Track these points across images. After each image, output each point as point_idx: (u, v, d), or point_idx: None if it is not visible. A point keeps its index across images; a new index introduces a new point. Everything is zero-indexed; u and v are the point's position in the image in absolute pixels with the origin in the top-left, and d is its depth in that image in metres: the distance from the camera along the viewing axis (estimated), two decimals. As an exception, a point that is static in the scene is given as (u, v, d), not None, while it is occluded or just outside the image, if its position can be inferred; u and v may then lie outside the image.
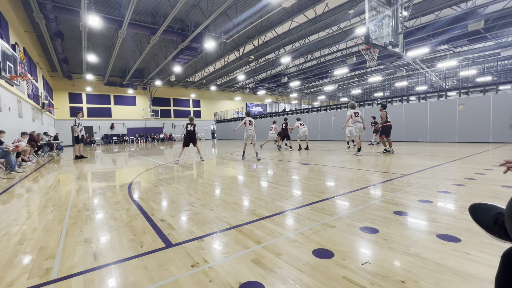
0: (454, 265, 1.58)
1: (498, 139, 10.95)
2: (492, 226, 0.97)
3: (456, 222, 2.28)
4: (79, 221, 2.69)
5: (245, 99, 37.46)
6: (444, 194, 3.19)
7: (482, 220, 1.02)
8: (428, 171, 4.83)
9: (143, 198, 3.59)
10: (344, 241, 1.98)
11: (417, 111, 13.59)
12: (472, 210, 1.10)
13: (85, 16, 10.76)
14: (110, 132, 27.08)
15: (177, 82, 28.50)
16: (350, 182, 4.15)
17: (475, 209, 1.08)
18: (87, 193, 4.03)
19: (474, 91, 12.31)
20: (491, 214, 0.99)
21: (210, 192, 3.85)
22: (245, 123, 7.82)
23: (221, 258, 1.78)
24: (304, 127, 10.88)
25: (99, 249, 1.99)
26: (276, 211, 2.76)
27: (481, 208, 1.05)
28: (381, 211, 2.64)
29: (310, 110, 20.60)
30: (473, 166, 5.20)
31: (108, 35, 16.11)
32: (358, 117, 8.22)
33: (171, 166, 7.14)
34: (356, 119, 8.21)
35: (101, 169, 6.98)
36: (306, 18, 13.73)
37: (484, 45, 18.90)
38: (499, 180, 3.82)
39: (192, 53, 16.48)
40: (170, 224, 2.49)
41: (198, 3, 12.26)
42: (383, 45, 6.49)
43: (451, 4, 11.99)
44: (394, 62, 22.67)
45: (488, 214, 1.00)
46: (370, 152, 8.70)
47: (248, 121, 7.83)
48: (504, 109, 10.60)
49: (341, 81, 31.27)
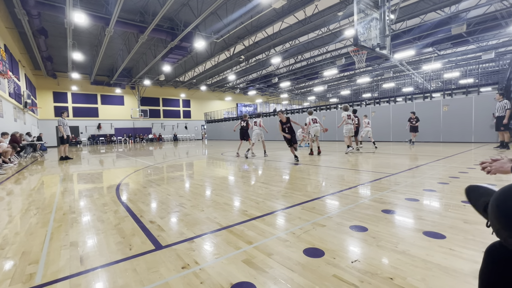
0: (440, 261, 1.63)
1: (480, 139, 11.37)
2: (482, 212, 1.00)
3: (441, 219, 2.35)
4: (64, 224, 2.60)
5: (235, 99, 37.36)
6: (429, 193, 3.28)
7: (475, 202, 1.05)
8: (415, 170, 4.96)
9: (132, 199, 3.52)
10: (334, 239, 2.00)
11: (404, 112, 13.93)
12: (468, 191, 1.12)
13: (70, 13, 10.44)
14: (97, 132, 26.39)
15: (167, 81, 28.11)
16: (339, 181, 4.21)
17: (470, 191, 1.10)
18: (72, 195, 3.91)
19: (457, 93, 12.75)
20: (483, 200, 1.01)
21: (200, 192, 3.81)
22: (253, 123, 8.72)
23: (212, 259, 1.76)
24: (317, 125, 8.59)
25: (86, 253, 1.94)
26: (267, 211, 2.77)
27: (476, 190, 1.07)
28: (369, 209, 2.69)
29: (301, 111, 20.77)
30: (457, 165, 5.38)
31: (95, 33, 15.71)
32: (350, 119, 8.47)
33: (160, 167, 7.03)
34: (348, 121, 8.45)
35: (87, 170, 6.79)
36: (296, 19, 13.84)
37: (466, 48, 19.61)
38: (481, 179, 3.97)
39: (182, 53, 16.29)
40: (159, 226, 2.45)
41: (188, 2, 12.14)
42: (371, 47, 6.63)
43: (436, 8, 12.38)
44: (381, 64, 23.17)
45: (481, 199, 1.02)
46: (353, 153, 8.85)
47: (254, 122, 8.70)
48: (485, 110, 11.03)
49: (330, 82, 31.69)
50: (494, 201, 0.66)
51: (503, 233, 0.64)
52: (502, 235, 0.65)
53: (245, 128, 8.77)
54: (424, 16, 13.76)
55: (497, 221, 0.65)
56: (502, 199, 0.64)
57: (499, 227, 0.65)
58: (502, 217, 0.63)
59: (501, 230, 0.65)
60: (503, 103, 8.25)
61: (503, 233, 0.65)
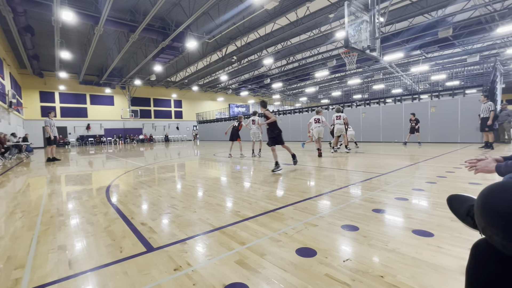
0: (428, 259, 1.67)
1: (466, 140, 11.72)
2: (465, 217, 1.04)
3: (429, 218, 2.41)
4: (52, 227, 2.54)
5: (228, 100, 37.26)
6: (418, 192, 3.36)
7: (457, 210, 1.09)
8: (404, 170, 5.07)
9: (122, 201, 3.46)
10: (326, 239, 2.03)
11: (393, 113, 14.22)
12: (449, 200, 1.16)
13: (57, 10, 10.19)
14: (86, 133, 25.81)
15: (158, 81, 27.78)
16: (331, 181, 4.26)
17: (452, 200, 1.15)
18: (60, 198, 3.81)
19: (444, 95, 13.10)
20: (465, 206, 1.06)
21: (192, 194, 3.78)
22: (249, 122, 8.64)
23: (204, 261, 1.75)
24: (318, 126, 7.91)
25: (75, 256, 1.89)
26: (260, 212, 2.77)
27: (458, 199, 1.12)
28: (360, 209, 2.73)
29: (292, 112, 20.91)
30: (444, 165, 5.52)
31: (84, 32, 15.37)
32: (340, 119, 8.65)
33: (151, 168, 6.94)
34: (337, 122, 8.66)
35: (76, 172, 6.64)
36: (288, 20, 13.93)
37: (452, 52, 20.18)
38: (467, 178, 4.09)
39: (173, 53, 16.14)
40: (151, 228, 2.42)
41: (179, 2, 12.04)
42: (361, 49, 6.74)
43: (423, 12, 12.71)
44: (371, 66, 23.58)
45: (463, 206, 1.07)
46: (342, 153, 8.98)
47: (252, 120, 8.53)
48: (471, 111, 11.36)
49: (322, 83, 32.02)
50: (479, 199, 0.69)
51: (488, 231, 0.67)
52: (488, 232, 0.68)
53: (235, 129, 8.78)
54: (412, 19, 14.10)
55: (483, 219, 0.67)
56: (487, 198, 0.66)
57: (484, 225, 0.67)
58: (487, 215, 0.65)
59: (486, 228, 0.67)
60: (488, 105, 8.53)
61: (488, 231, 0.67)
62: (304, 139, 18.85)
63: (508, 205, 0.61)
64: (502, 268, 0.70)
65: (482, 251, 0.77)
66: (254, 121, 8.62)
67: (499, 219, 0.62)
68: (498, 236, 0.64)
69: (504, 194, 0.63)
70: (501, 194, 0.63)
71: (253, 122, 8.62)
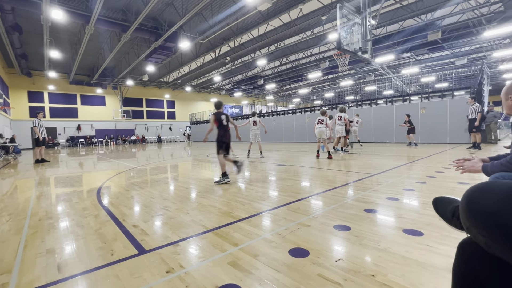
0: (418, 258, 1.70)
1: (454, 140, 11.99)
2: (451, 218, 1.07)
3: (419, 217, 2.46)
4: (40, 231, 2.48)
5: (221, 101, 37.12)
6: (409, 192, 3.42)
7: (443, 212, 1.12)
8: (395, 170, 5.15)
9: (114, 203, 3.41)
10: (318, 239, 2.04)
11: (385, 114, 14.44)
12: (434, 203, 1.19)
13: (47, 9, 9.98)
14: (76, 134, 25.30)
15: (150, 82, 27.48)
16: (324, 182, 4.29)
17: (437, 202, 1.18)
18: (49, 200, 3.72)
19: (433, 96, 13.38)
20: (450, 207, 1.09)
21: (185, 195, 3.76)
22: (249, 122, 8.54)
23: (197, 263, 1.74)
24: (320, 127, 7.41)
25: (64, 260, 1.86)
26: (253, 213, 2.77)
27: (442, 201, 1.15)
28: (352, 209, 2.76)
29: (286, 112, 20.99)
30: (433, 165, 5.64)
31: (74, 31, 15.08)
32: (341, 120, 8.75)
33: (144, 169, 6.86)
34: (338, 122, 8.77)
35: (66, 173, 6.50)
36: (281, 22, 14.00)
37: (441, 54, 20.65)
38: (455, 178, 4.19)
39: (166, 53, 16.00)
40: (143, 230, 2.39)
41: (172, 2, 11.95)
42: (353, 51, 6.83)
43: (413, 15, 12.97)
44: (363, 68, 23.89)
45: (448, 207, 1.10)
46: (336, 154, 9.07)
47: (253, 121, 8.45)
48: (459, 112, 11.64)
49: (314, 84, 32.27)
50: (464, 199, 0.71)
51: (473, 230, 0.69)
52: (472, 232, 0.70)
53: None
54: (403, 22, 14.37)
55: (467, 219, 0.69)
56: (472, 198, 0.68)
57: (469, 224, 0.69)
58: (472, 215, 0.67)
59: (471, 228, 0.69)
60: (475, 106, 8.76)
61: (473, 230, 0.69)
62: (298, 140, 18.96)
63: (492, 205, 0.63)
64: (486, 266, 0.73)
65: (467, 250, 0.79)
66: (255, 122, 8.59)
67: (483, 219, 0.64)
68: (482, 236, 0.65)
69: (488, 194, 0.65)
70: (485, 194, 0.65)
71: (254, 123, 8.60)
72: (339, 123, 8.77)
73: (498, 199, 0.62)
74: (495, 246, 0.63)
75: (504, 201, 0.61)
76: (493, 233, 0.62)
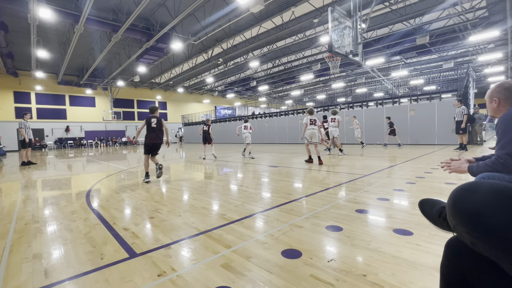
0: (408, 257, 1.73)
1: (442, 142, 12.29)
2: (437, 219, 1.10)
3: (409, 217, 2.51)
4: (26, 235, 2.41)
5: (214, 102, 37.00)
6: (399, 192, 3.49)
7: (429, 213, 1.15)
8: (385, 171, 5.24)
9: (104, 206, 3.34)
10: (311, 240, 2.06)
11: (375, 116, 14.68)
12: (421, 205, 1.22)
13: (34, 7, 9.73)
14: (65, 135, 24.71)
15: (142, 83, 27.14)
16: (316, 183, 4.33)
17: (423, 204, 1.21)
18: (36, 203, 3.62)
19: (422, 99, 13.70)
20: (436, 208, 1.12)
21: (177, 197, 3.72)
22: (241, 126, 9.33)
23: (189, 265, 1.73)
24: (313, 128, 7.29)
25: (51, 265, 1.81)
26: (246, 214, 2.77)
27: (428, 203, 1.18)
28: (344, 210, 2.79)
29: (278, 114, 21.08)
30: (422, 166, 5.77)
31: (63, 30, 14.77)
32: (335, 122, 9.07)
33: (135, 171, 6.75)
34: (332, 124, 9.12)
35: (53, 176, 6.33)
36: (273, 24, 14.09)
37: (429, 58, 21.19)
38: (443, 178, 4.30)
39: (158, 54, 15.84)
40: (134, 233, 2.35)
41: (164, 3, 11.87)
42: (344, 53, 6.93)
43: (402, 19, 13.29)
44: (354, 70, 24.27)
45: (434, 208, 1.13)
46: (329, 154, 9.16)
47: (244, 126, 9.23)
48: (447, 115, 11.95)
49: (307, 86, 32.55)
50: (450, 199, 0.73)
51: (459, 229, 0.71)
52: (458, 231, 0.72)
53: (206, 132, 9.17)
54: (392, 26, 14.69)
55: (454, 218, 0.71)
56: (458, 197, 0.70)
57: (455, 223, 0.71)
58: (457, 214, 0.69)
59: (457, 227, 0.71)
60: (461, 109, 9.02)
61: (459, 229, 0.71)
62: (291, 141, 19.05)
63: (476, 205, 0.65)
64: (473, 264, 0.75)
65: (454, 249, 0.81)
66: (246, 126, 9.21)
67: (468, 218, 0.66)
68: (468, 234, 0.68)
69: (473, 194, 0.67)
70: (470, 194, 0.67)
71: (245, 127, 9.21)
72: (333, 125, 9.02)
73: (483, 199, 0.64)
74: (480, 244, 0.66)
75: (488, 201, 0.64)
76: (477, 231, 0.65)
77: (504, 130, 1.39)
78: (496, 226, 0.61)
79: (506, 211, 0.60)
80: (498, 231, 0.60)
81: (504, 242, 0.60)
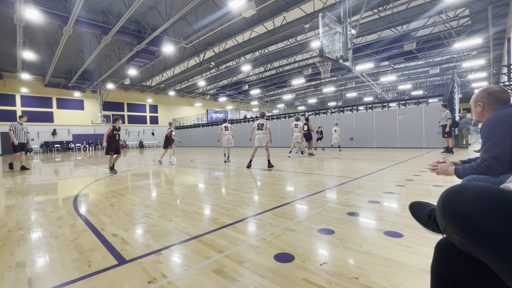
0: (399, 259, 1.76)
1: (430, 145, 12.62)
2: (427, 221, 1.12)
3: (399, 219, 2.55)
4: (9, 243, 2.31)
5: (206, 106, 36.86)
6: (389, 195, 3.54)
7: (419, 216, 1.17)
8: (376, 174, 5.33)
9: (92, 211, 3.25)
10: (303, 243, 2.06)
11: (365, 120, 14.96)
12: (411, 207, 1.25)
13: (21, 8, 9.51)
14: (51, 139, 24.03)
15: (132, 86, 26.80)
16: (307, 186, 4.35)
17: (413, 206, 1.23)
18: (20, 210, 3.49)
19: (410, 103, 14.07)
20: (426, 210, 1.14)
21: (168, 202, 3.66)
22: (221, 128, 8.97)
23: (180, 271, 1.70)
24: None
25: (36, 274, 1.74)
26: (238, 218, 2.75)
27: (418, 205, 1.21)
28: (336, 213, 2.81)
29: (270, 118, 21.18)
30: (411, 168, 5.89)
31: (51, 32, 14.47)
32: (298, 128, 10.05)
33: (124, 175, 6.62)
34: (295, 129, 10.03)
35: (39, 180, 6.13)
36: (265, 29, 14.23)
37: (416, 64, 21.83)
38: (431, 181, 4.40)
39: (149, 57, 15.71)
40: (123, 239, 2.29)
41: (155, 6, 11.82)
42: (335, 58, 7.06)
43: (390, 26, 13.67)
44: (345, 75, 24.71)
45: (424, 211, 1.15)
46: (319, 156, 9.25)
47: (224, 127, 8.90)
48: (433, 118, 12.30)
49: (298, 90, 32.89)
50: (440, 201, 0.74)
51: (449, 230, 0.72)
52: (448, 232, 0.73)
53: (168, 137, 9.34)
54: (381, 32, 15.09)
55: (443, 219, 0.73)
56: (446, 199, 0.72)
57: (445, 225, 0.73)
58: (447, 216, 0.71)
59: (447, 228, 0.73)
60: (445, 113, 9.32)
61: (448, 230, 0.73)
62: (282, 145, 19.14)
63: (465, 207, 0.66)
64: (462, 264, 0.76)
65: (444, 250, 0.83)
66: (226, 127, 8.98)
67: (456, 219, 0.68)
68: (457, 235, 0.69)
69: (461, 196, 0.69)
70: (459, 196, 0.69)
71: (226, 128, 8.98)
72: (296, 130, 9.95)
73: (471, 201, 0.66)
74: (468, 245, 0.67)
75: (475, 203, 0.65)
76: (466, 232, 0.66)
77: (488, 133, 1.44)
78: (482, 227, 0.62)
79: (492, 213, 0.62)
80: (484, 231, 0.62)
81: (490, 242, 0.62)
